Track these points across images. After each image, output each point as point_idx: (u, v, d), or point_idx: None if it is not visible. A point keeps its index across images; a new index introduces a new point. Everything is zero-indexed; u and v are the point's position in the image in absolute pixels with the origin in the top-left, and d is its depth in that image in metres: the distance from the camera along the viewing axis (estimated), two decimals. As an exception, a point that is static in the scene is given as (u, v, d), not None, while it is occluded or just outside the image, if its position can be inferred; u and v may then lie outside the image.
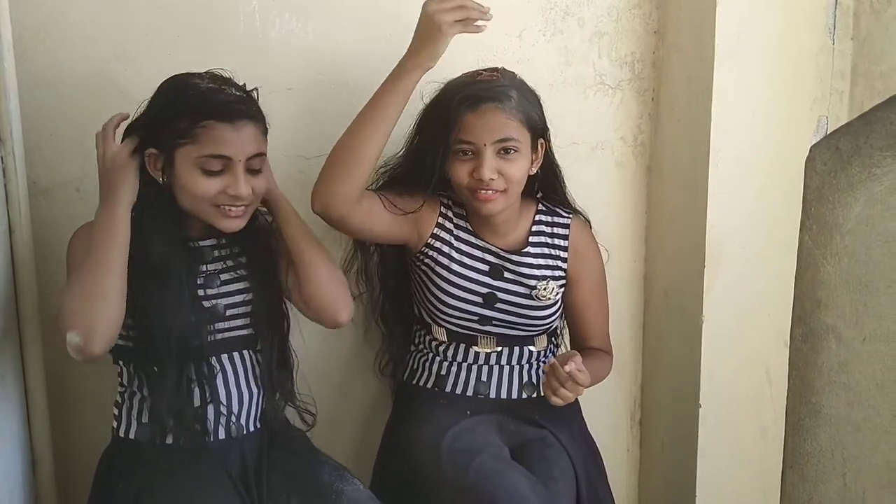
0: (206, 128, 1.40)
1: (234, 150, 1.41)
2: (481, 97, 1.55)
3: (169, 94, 1.46)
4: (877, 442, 1.06)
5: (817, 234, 1.07)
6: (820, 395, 1.08)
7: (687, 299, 1.90)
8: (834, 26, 1.86)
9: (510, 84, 1.59)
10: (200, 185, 1.42)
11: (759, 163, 1.84)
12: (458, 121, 1.54)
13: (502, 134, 1.55)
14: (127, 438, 1.48)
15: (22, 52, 1.61)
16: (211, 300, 1.49)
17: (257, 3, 1.73)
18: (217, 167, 1.41)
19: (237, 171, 1.42)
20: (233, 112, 1.41)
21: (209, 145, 1.40)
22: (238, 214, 1.45)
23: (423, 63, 1.48)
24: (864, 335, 1.05)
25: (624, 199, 2.03)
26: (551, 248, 1.71)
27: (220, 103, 1.42)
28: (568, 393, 1.52)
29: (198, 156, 1.41)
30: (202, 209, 1.44)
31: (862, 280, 1.04)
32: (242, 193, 1.42)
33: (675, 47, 1.91)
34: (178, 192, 1.45)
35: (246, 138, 1.43)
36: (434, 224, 1.67)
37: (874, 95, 1.84)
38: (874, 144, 1.01)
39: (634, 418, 2.13)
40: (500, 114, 1.55)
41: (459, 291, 1.67)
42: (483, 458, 1.51)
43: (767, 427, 1.92)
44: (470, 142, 1.56)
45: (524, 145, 1.58)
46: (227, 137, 1.41)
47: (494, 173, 1.55)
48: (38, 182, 1.68)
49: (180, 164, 1.42)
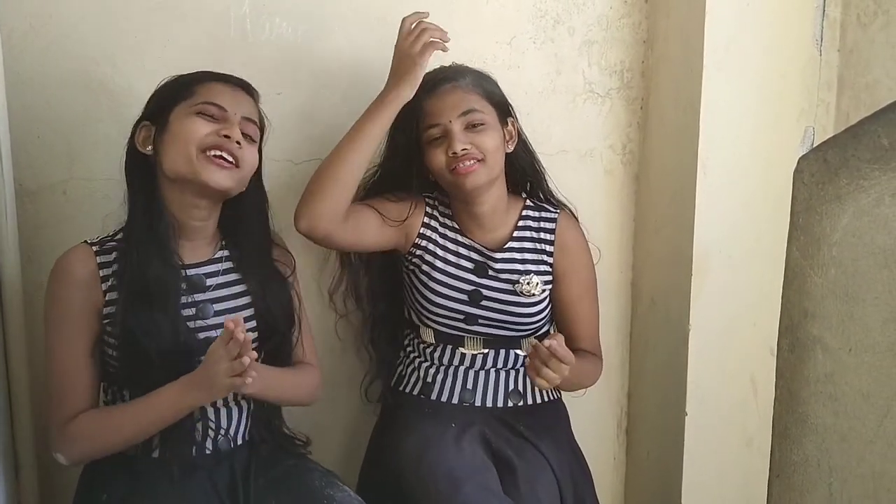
0: (204, 85, 1.45)
1: (231, 103, 1.45)
2: (437, 80, 1.62)
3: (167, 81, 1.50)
4: (862, 452, 1.07)
5: (805, 244, 1.08)
6: (806, 405, 1.09)
7: (674, 307, 1.91)
8: (821, 38, 1.88)
9: (463, 68, 1.68)
10: (197, 128, 1.41)
11: (747, 172, 1.85)
12: (422, 109, 1.61)
13: (464, 107, 1.60)
14: None
15: (10, 54, 1.60)
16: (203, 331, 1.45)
17: (248, 8, 1.73)
18: (212, 112, 1.43)
19: (232, 120, 1.44)
20: (230, 78, 1.49)
21: (207, 96, 1.44)
22: (226, 165, 1.42)
23: (403, 94, 1.56)
24: (851, 346, 1.06)
25: (612, 207, 2.04)
26: (537, 242, 1.72)
27: (219, 73, 1.49)
28: (552, 373, 1.49)
29: (195, 103, 1.43)
30: (191, 157, 1.40)
31: (849, 291, 1.05)
32: (235, 134, 1.42)
33: (663, 57, 1.93)
34: (166, 154, 1.43)
35: (242, 99, 1.48)
36: (420, 224, 1.70)
37: (860, 106, 1.85)
38: (861, 157, 1.02)
39: (621, 426, 2.13)
40: (458, 90, 1.62)
41: (445, 289, 1.68)
42: (469, 488, 1.49)
43: (753, 435, 1.93)
44: (436, 123, 1.61)
45: (490, 117, 1.63)
46: (226, 92, 1.46)
47: (466, 144, 1.59)
48: (24, 184, 1.66)
49: (175, 119, 1.43)
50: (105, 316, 1.42)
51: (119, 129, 1.69)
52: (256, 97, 1.53)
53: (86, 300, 1.41)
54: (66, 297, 1.41)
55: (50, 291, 1.43)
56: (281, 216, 1.73)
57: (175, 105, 1.44)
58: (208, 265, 1.50)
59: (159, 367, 1.38)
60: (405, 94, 1.56)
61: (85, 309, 1.41)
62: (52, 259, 1.67)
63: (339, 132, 1.79)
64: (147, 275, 1.40)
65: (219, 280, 1.50)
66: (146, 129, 1.45)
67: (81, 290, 1.41)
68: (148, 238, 1.42)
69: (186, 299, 1.45)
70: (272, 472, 1.49)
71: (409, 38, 1.56)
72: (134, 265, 1.41)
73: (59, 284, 1.42)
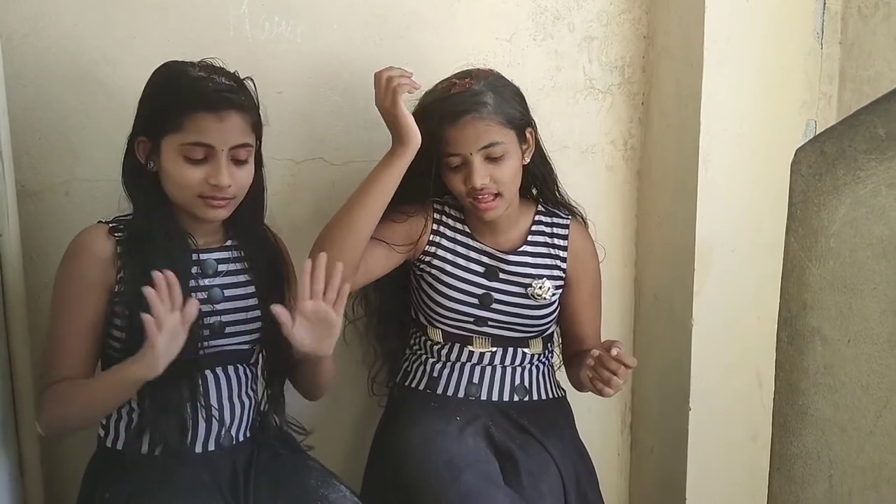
0: (191, 117, 1.39)
1: (217, 139, 1.40)
2: (458, 111, 1.58)
3: (158, 82, 1.46)
4: (862, 443, 1.07)
5: (803, 236, 1.08)
6: (806, 397, 1.09)
7: (677, 302, 1.91)
8: (822, 31, 1.87)
9: (485, 88, 1.60)
10: (184, 173, 1.40)
11: (748, 166, 1.84)
12: (442, 137, 1.59)
13: (485, 141, 1.58)
14: (114, 449, 1.47)
15: (10, 55, 1.60)
16: (211, 316, 1.47)
17: (247, 7, 1.73)
18: (199, 155, 1.40)
19: (220, 161, 1.41)
20: (219, 101, 1.41)
21: (192, 133, 1.39)
22: (221, 205, 1.43)
23: (405, 147, 1.56)
24: (849, 337, 1.06)
25: (614, 203, 2.03)
26: (551, 247, 1.73)
27: (207, 92, 1.41)
28: (619, 381, 1.50)
29: (181, 143, 1.40)
30: (186, 199, 1.43)
31: (847, 282, 1.05)
32: (223, 182, 1.40)
33: (664, 52, 1.92)
34: (164, 181, 1.43)
35: (230, 128, 1.41)
36: (430, 232, 1.70)
37: (862, 99, 1.84)
38: (858, 148, 1.02)
39: (625, 422, 2.13)
40: (480, 123, 1.58)
41: (455, 293, 1.69)
42: (469, 476, 1.50)
43: (757, 429, 1.92)
44: (457, 153, 1.59)
45: (510, 144, 1.61)
46: (211, 127, 1.40)
47: (486, 178, 1.59)
48: (26, 185, 1.67)
49: (166, 151, 1.41)
50: (115, 294, 1.43)
51: (119, 129, 1.69)
52: (249, 106, 1.46)
53: (100, 276, 1.42)
54: (82, 271, 1.42)
55: (65, 265, 1.44)
56: (284, 215, 1.74)
57: (165, 133, 1.41)
58: (220, 251, 1.52)
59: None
60: (407, 147, 1.55)
61: (97, 284, 1.42)
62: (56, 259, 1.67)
63: (339, 130, 1.81)
64: (159, 256, 1.41)
65: (230, 267, 1.52)
66: (144, 144, 1.44)
67: (97, 266, 1.42)
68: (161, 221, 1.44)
69: (197, 283, 1.46)
70: (271, 470, 1.49)
71: (380, 94, 1.56)
72: (147, 245, 1.42)
73: (76, 258, 1.43)
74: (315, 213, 1.78)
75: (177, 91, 1.42)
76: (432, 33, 1.84)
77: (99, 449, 1.50)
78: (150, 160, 1.43)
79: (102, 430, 1.49)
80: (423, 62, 1.74)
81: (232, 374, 1.51)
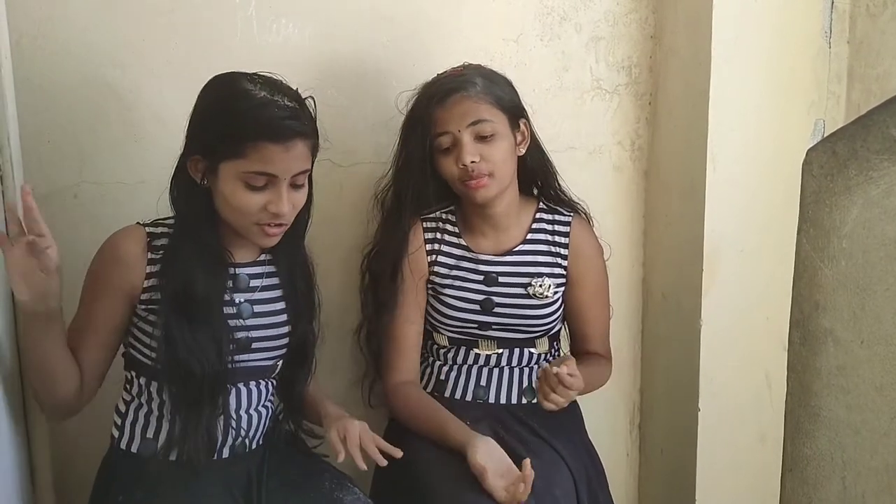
0: (255, 146, 1.35)
1: (281, 168, 1.37)
2: (446, 90, 1.60)
3: (218, 101, 1.41)
4: (876, 445, 1.06)
5: (815, 237, 1.07)
6: (819, 399, 1.08)
7: (685, 303, 1.90)
8: (830, 30, 1.87)
9: (474, 73, 1.63)
10: (243, 199, 1.38)
11: (757, 166, 1.84)
12: (431, 118, 1.60)
13: (473, 117, 1.58)
14: (129, 451, 1.47)
15: (19, 59, 1.60)
16: (239, 331, 1.46)
17: (254, 10, 1.73)
18: (261, 183, 1.37)
19: (281, 189, 1.38)
20: (285, 131, 1.36)
21: (256, 163, 1.35)
22: (276, 232, 1.42)
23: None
24: (863, 338, 1.05)
25: (622, 204, 2.03)
26: (551, 245, 1.72)
27: (273, 120, 1.36)
28: (559, 398, 1.54)
29: (243, 171, 1.36)
30: (242, 224, 1.41)
31: (860, 283, 1.05)
32: (284, 211, 1.39)
33: (671, 52, 1.92)
34: (218, 202, 1.41)
35: (294, 157, 1.38)
36: (426, 253, 1.70)
37: (871, 98, 1.84)
38: (871, 148, 1.02)
39: (634, 422, 2.13)
40: (467, 100, 1.59)
41: (457, 302, 1.69)
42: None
43: (767, 431, 1.92)
44: (445, 132, 1.60)
45: (500, 125, 1.61)
46: (276, 157, 1.36)
47: (475, 156, 1.58)
48: (35, 188, 1.66)
49: (224, 175, 1.38)
50: (142, 301, 1.42)
51: (127, 132, 1.70)
52: (311, 131, 1.42)
53: (121, 280, 1.41)
54: (105, 275, 1.42)
55: (93, 262, 1.44)
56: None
57: (224, 158, 1.37)
58: (254, 266, 1.51)
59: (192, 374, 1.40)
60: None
61: (116, 288, 1.41)
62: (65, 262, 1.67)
63: (346, 133, 1.80)
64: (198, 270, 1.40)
65: (263, 282, 1.51)
66: (199, 163, 1.40)
67: (119, 270, 1.41)
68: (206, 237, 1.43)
69: (229, 297, 1.46)
70: (284, 474, 1.49)
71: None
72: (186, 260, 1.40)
73: (101, 258, 1.43)
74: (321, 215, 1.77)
75: (240, 116, 1.36)
76: (439, 34, 1.84)
77: (112, 449, 1.50)
78: (204, 178, 1.41)
79: (116, 430, 1.49)
80: (430, 63, 1.73)
81: (253, 388, 1.51)
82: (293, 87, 1.44)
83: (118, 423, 1.49)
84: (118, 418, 1.50)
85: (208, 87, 1.43)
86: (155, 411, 1.46)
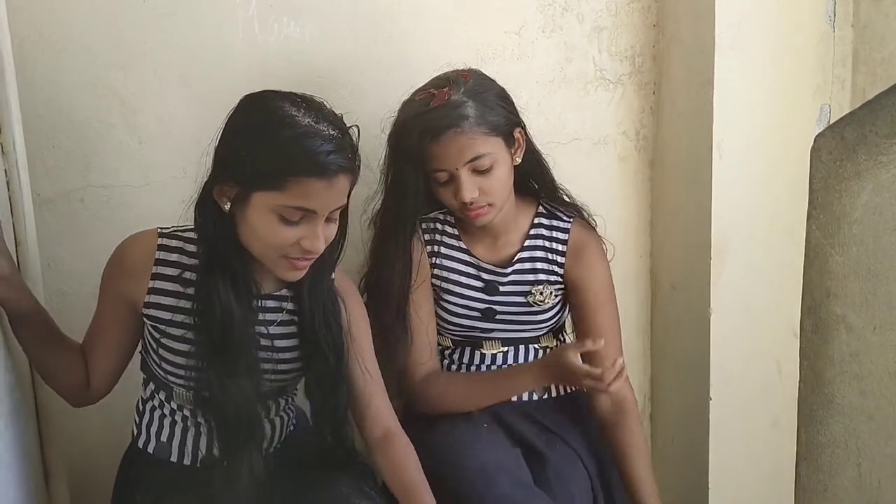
0: (298, 181, 1.25)
1: (321, 204, 1.28)
2: (439, 127, 1.51)
3: (259, 128, 1.29)
4: (891, 431, 1.06)
5: (825, 223, 1.07)
6: (832, 386, 1.08)
7: (694, 292, 1.90)
8: (834, 13, 1.86)
9: (465, 97, 1.53)
10: (276, 233, 1.28)
11: (763, 153, 1.83)
12: (425, 153, 1.53)
13: (470, 154, 1.53)
14: (145, 450, 1.47)
15: (22, 62, 1.60)
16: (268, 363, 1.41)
17: (255, 10, 1.72)
18: (297, 217, 1.27)
19: (317, 224, 1.29)
20: (330, 165, 1.26)
21: (296, 198, 1.26)
22: (304, 267, 1.33)
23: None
24: (875, 324, 1.05)
25: (627, 194, 2.02)
26: (548, 251, 1.69)
27: (319, 155, 1.25)
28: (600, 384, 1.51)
29: (280, 204, 1.26)
30: (266, 254, 1.32)
31: (871, 269, 1.04)
32: (318, 248, 1.30)
33: (674, 40, 1.91)
34: (243, 230, 1.31)
35: (336, 192, 1.29)
36: (426, 255, 1.67)
37: (876, 82, 1.83)
38: (880, 132, 1.01)
39: (645, 413, 2.12)
40: (462, 137, 1.51)
41: (458, 308, 1.68)
42: (504, 482, 1.48)
43: (778, 417, 1.92)
44: (442, 169, 1.55)
45: (498, 153, 1.56)
46: (319, 193, 1.26)
47: (474, 192, 1.54)
48: (41, 193, 1.67)
49: (256, 204, 1.28)
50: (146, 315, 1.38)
51: (132, 135, 1.70)
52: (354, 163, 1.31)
53: (122, 288, 1.38)
54: (109, 281, 1.40)
55: (105, 267, 1.42)
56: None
57: (260, 188, 1.26)
58: (273, 300, 1.43)
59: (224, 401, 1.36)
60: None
61: (117, 295, 1.39)
62: (72, 267, 1.69)
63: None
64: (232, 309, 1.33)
65: (279, 317, 1.42)
66: (228, 188, 1.29)
67: (123, 279, 1.38)
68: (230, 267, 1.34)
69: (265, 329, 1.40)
70: (301, 475, 1.47)
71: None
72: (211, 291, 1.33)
73: (109, 265, 1.41)
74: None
75: (283, 147, 1.25)
76: (440, 29, 1.83)
77: (130, 447, 1.51)
78: (231, 204, 1.30)
79: (135, 427, 1.49)
80: (432, 58, 1.72)
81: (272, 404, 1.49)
82: (337, 113, 1.34)
83: (136, 420, 1.49)
84: (137, 416, 1.49)
85: (243, 108, 1.32)
86: (168, 416, 1.45)
